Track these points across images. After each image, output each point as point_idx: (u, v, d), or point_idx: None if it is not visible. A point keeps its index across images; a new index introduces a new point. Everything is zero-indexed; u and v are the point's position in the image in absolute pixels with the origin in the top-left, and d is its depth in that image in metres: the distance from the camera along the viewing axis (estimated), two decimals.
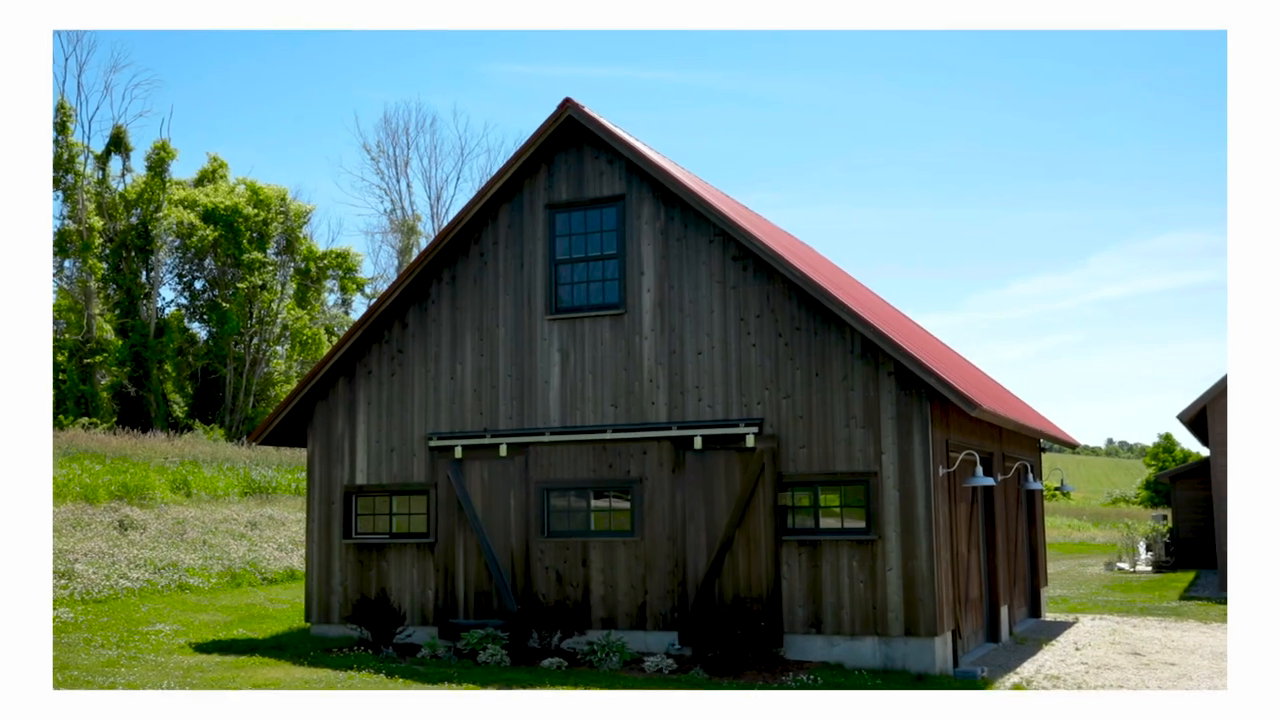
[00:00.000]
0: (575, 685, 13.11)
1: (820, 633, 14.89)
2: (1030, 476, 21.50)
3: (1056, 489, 24.50)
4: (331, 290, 60.19)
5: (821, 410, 15.19)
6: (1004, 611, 18.35)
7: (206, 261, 53.08)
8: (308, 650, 15.96)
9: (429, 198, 63.71)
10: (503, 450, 16.75)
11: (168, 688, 12.75)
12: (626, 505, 16.17)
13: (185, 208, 51.05)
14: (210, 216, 51.31)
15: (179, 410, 49.70)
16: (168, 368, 49.23)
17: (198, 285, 54.18)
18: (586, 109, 16.57)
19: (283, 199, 54.12)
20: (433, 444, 17.22)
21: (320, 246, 58.07)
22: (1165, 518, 41.51)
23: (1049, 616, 22.15)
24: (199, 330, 53.38)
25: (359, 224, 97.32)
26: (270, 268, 53.00)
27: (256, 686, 12.95)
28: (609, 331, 16.45)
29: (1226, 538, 26.86)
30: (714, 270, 15.96)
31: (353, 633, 17.05)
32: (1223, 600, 24.86)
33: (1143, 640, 18.37)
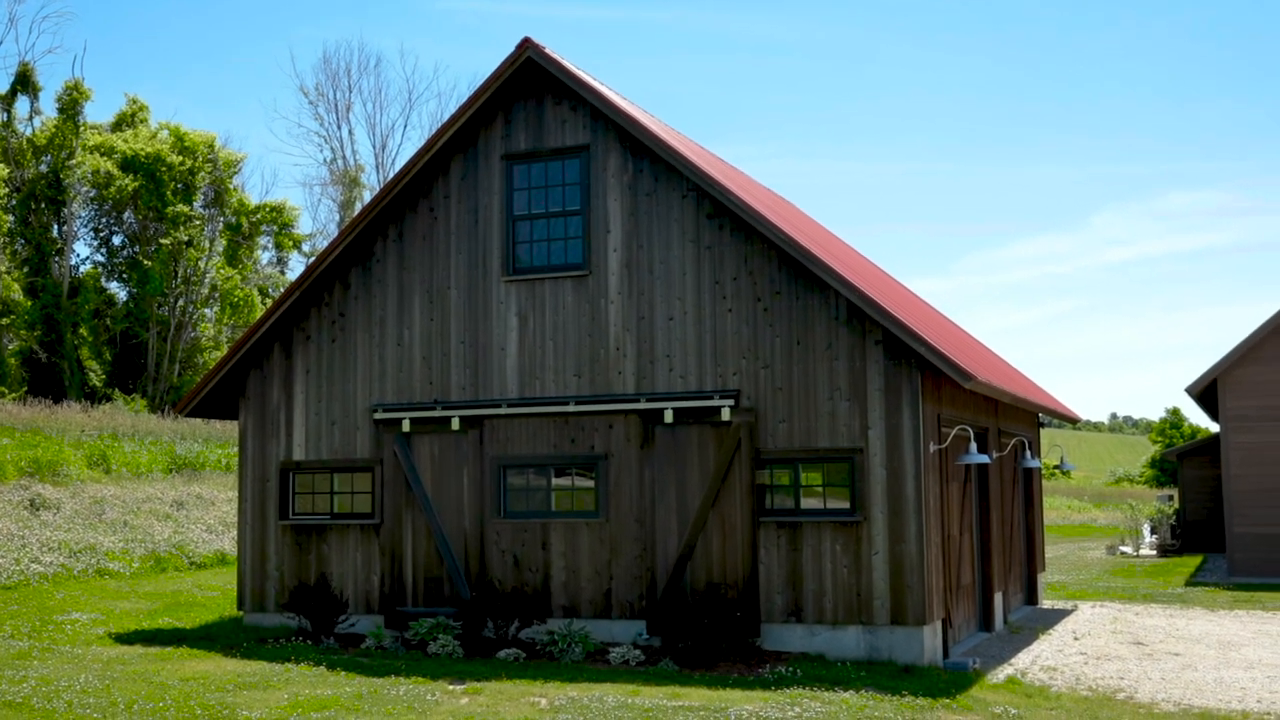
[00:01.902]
0: (534, 678, 13.20)
1: (800, 621, 15.04)
2: (1028, 454, 21.74)
3: (1056, 467, 24.79)
4: (265, 248, 59.69)
5: (803, 382, 15.28)
6: (998, 599, 18.60)
7: (126, 214, 52.44)
8: (240, 641, 15.97)
9: (373, 146, 63.21)
10: (455, 423, 16.75)
11: (86, 682, 12.74)
12: (590, 484, 16.23)
13: (101, 155, 50.36)
14: (129, 165, 50.65)
15: (96, 379, 49.24)
16: (83, 332, 48.74)
17: (116, 241, 53.56)
18: (548, 50, 16.49)
19: (211, 146, 53.50)
20: (378, 416, 17.20)
21: (253, 199, 57.52)
22: (1172, 498, 42.11)
23: (1046, 604, 22.47)
24: (118, 290, 52.83)
25: (296, 175, 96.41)
26: (197, 222, 52.46)
27: (184, 680, 12.96)
28: (571, 294, 16.44)
29: (1236, 519, 27.31)
30: (687, 229, 15.97)
31: (290, 622, 17.07)
32: (1231, 586, 25.30)
33: (1146, 629, 18.69)
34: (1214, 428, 35.59)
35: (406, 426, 17.00)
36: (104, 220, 53.07)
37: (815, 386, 15.22)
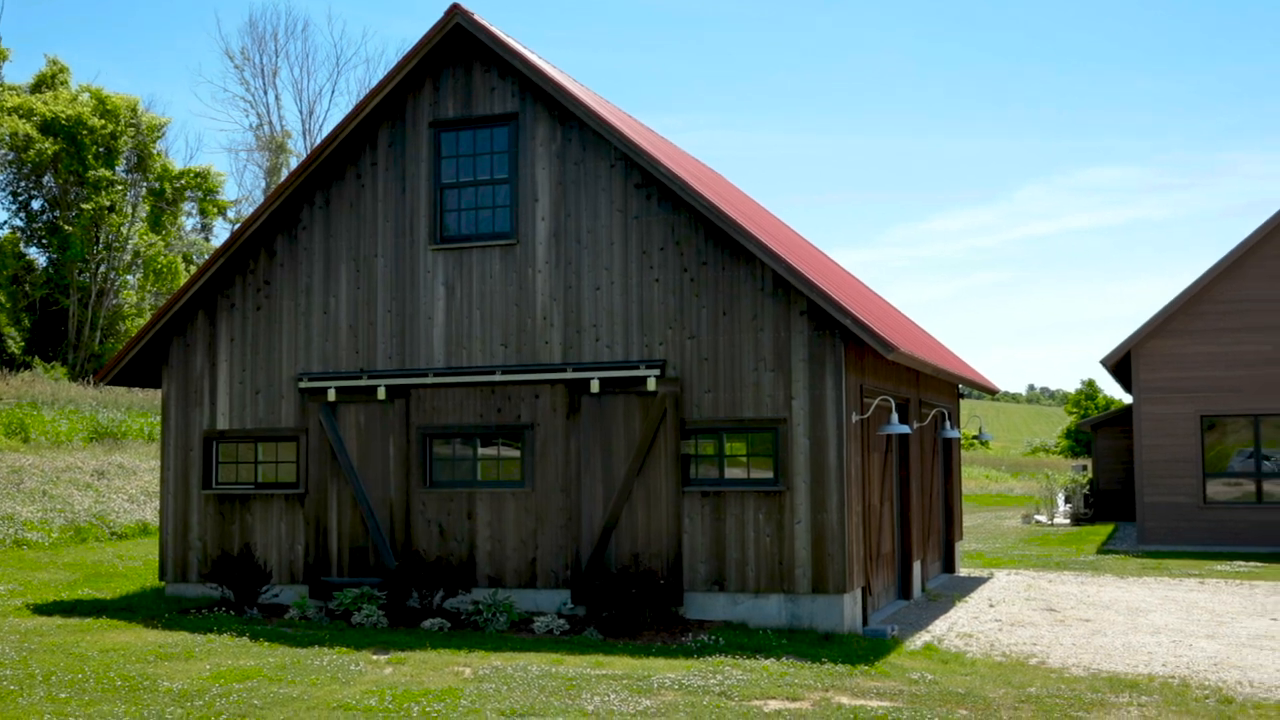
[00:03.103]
0: (458, 648, 13.14)
1: (723, 590, 15.11)
2: (947, 424, 22.02)
3: (975, 438, 25.16)
4: (190, 214, 58.59)
5: (729, 352, 15.30)
6: (917, 567, 18.85)
7: (45, 178, 51.12)
8: (162, 612, 15.73)
9: (300, 112, 62.23)
10: (381, 393, 16.57)
11: (2, 654, 12.45)
12: (516, 453, 16.16)
13: (20, 117, 49.00)
14: (49, 128, 49.35)
15: (14, 346, 48.09)
16: (1, 298, 47.53)
17: (35, 205, 52.22)
18: (476, 17, 16.28)
19: (134, 110, 52.31)
20: (303, 385, 16.96)
21: (177, 164, 56.38)
22: (1085, 468, 42.97)
23: (963, 571, 22.83)
24: (37, 256, 51.54)
25: (221, 140, 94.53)
26: (119, 187, 51.31)
27: (103, 651, 12.72)
28: (499, 263, 16.31)
29: (1146, 489, 27.93)
30: (614, 198, 15.89)
31: (213, 592, 16.83)
32: (1141, 554, 25.88)
33: (1058, 596, 19.05)
34: (1127, 399, 36.32)
35: (332, 396, 16.79)
36: (23, 184, 51.70)
37: (741, 357, 15.25)
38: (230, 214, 59.50)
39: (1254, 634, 15.26)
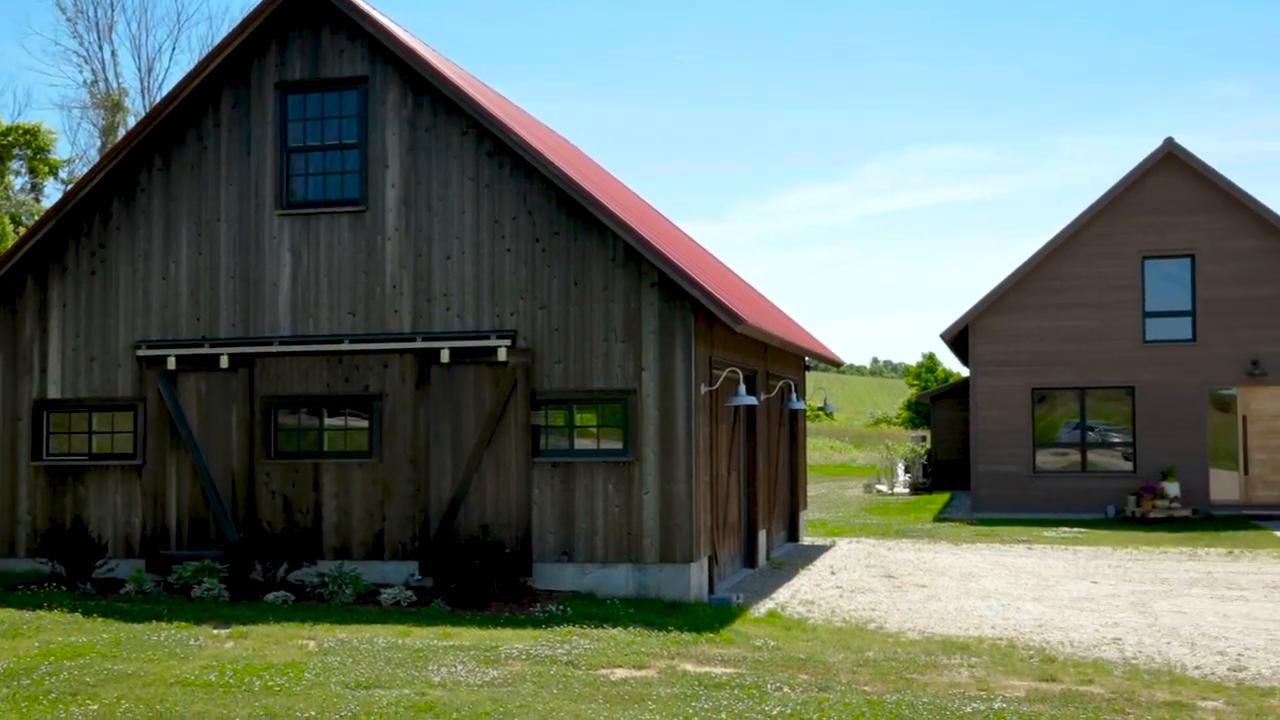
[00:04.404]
0: (303, 621, 12.91)
1: (572, 560, 15.17)
2: (794, 396, 22.45)
3: (820, 409, 25.72)
4: (18, 173, 55.87)
5: (580, 323, 15.31)
6: (762, 536, 19.21)
7: None
8: None
9: (139, 69, 59.78)
10: (224, 361, 16.11)
11: None
12: (364, 424, 15.92)
13: None
14: None
15: None
16: None
17: None
18: None
19: None
20: (141, 353, 16.39)
21: (4, 120, 53.72)
22: (925, 439, 44.34)
23: (807, 540, 23.36)
24: None
25: (52, 96, 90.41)
26: None
27: None
28: (348, 230, 15.98)
29: (981, 458, 28.97)
30: (466, 166, 15.71)
31: (43, 567, 16.19)
32: (975, 521, 26.86)
33: (896, 563, 19.65)
34: (965, 372, 37.55)
35: (172, 364, 16.26)
36: None
37: (591, 328, 15.27)
38: (63, 174, 56.91)
39: (1076, 597, 16.00)
